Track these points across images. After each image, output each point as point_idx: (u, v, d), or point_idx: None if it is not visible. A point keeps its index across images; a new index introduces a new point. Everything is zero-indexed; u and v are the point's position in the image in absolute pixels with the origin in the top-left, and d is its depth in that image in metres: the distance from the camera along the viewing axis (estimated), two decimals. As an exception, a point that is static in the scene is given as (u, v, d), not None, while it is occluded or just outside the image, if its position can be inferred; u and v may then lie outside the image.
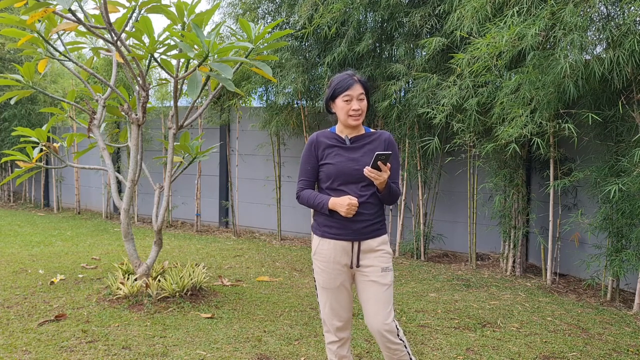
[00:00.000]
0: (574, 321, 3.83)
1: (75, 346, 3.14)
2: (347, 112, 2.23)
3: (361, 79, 2.27)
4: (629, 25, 3.50)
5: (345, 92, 2.22)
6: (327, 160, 2.28)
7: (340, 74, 2.30)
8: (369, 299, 2.24)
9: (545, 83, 3.94)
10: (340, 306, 2.28)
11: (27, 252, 5.88)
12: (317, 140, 2.32)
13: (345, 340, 2.33)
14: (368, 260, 2.26)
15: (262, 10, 6.49)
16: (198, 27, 3.29)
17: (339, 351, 2.32)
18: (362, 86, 2.25)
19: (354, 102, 2.22)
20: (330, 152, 2.28)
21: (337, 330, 2.29)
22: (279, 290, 4.55)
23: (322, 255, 2.28)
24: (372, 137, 2.31)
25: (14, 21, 3.47)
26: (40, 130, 4.37)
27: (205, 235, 7.53)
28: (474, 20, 4.22)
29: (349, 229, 2.23)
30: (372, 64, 5.69)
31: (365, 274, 2.26)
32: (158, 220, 4.18)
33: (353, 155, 2.26)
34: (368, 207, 2.24)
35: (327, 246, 2.27)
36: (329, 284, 2.27)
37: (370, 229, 2.25)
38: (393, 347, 2.22)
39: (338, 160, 2.25)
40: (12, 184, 11.04)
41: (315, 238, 2.33)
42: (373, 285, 2.24)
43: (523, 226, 5.23)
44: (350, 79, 2.24)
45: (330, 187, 2.27)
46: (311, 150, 2.33)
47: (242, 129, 7.66)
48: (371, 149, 2.27)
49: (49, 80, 9.17)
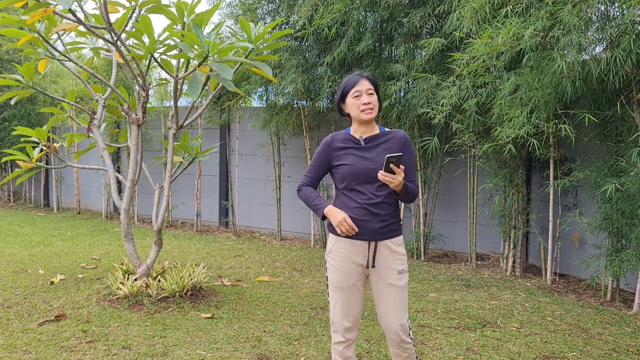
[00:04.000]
0: (574, 321, 3.83)
1: (75, 346, 3.14)
2: (358, 107, 2.25)
3: (368, 75, 2.28)
4: (627, 25, 3.51)
5: (354, 88, 2.25)
6: (342, 161, 2.28)
7: (346, 76, 2.33)
8: (385, 300, 2.26)
9: (543, 84, 3.95)
10: (351, 306, 2.28)
11: (27, 252, 5.88)
12: (331, 142, 2.33)
13: (352, 341, 2.33)
14: (384, 262, 2.26)
15: (261, 10, 6.50)
16: (198, 27, 3.29)
17: (345, 352, 2.33)
18: (369, 81, 2.26)
19: (363, 96, 2.24)
20: (345, 153, 2.28)
21: (345, 330, 2.30)
22: (279, 290, 4.55)
23: (337, 253, 2.28)
24: (387, 137, 2.31)
25: (14, 21, 3.48)
26: (41, 130, 4.37)
27: (205, 235, 7.53)
28: (473, 20, 4.23)
29: (365, 229, 2.23)
30: (372, 64, 5.69)
31: (381, 276, 2.26)
32: (158, 220, 4.18)
33: (368, 155, 2.26)
34: (384, 207, 2.24)
35: (343, 245, 2.27)
36: (342, 283, 2.27)
37: (387, 229, 2.25)
38: (405, 346, 2.28)
39: (353, 160, 2.25)
40: (12, 184, 11.04)
41: (331, 237, 2.33)
42: (389, 287, 2.26)
43: (523, 226, 5.23)
44: (357, 76, 2.27)
45: (346, 188, 2.28)
46: (324, 152, 2.33)
47: (242, 129, 7.66)
48: (386, 148, 2.27)
49: (49, 80, 9.17)
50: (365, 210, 2.22)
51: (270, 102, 6.74)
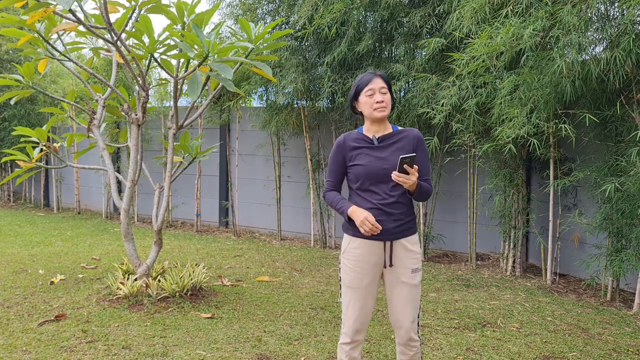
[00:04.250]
0: (574, 321, 3.83)
1: (75, 346, 3.15)
2: (371, 105, 2.25)
3: (381, 73, 2.29)
4: (627, 25, 3.51)
5: (367, 86, 2.25)
6: (356, 161, 2.28)
7: (360, 75, 2.34)
8: (397, 298, 2.28)
9: (543, 84, 3.95)
10: (363, 307, 2.28)
11: (27, 252, 5.89)
12: (344, 143, 2.32)
13: (359, 342, 2.34)
14: (399, 261, 2.26)
15: (261, 10, 6.49)
16: (198, 27, 3.29)
17: (351, 352, 2.33)
18: (383, 80, 2.27)
19: (376, 94, 2.24)
20: (359, 153, 2.28)
21: (355, 332, 2.30)
22: (279, 290, 4.55)
23: (352, 254, 2.28)
24: (400, 136, 2.30)
25: (14, 21, 3.48)
26: (40, 130, 4.37)
27: (205, 235, 7.53)
28: (473, 20, 4.23)
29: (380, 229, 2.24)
30: (372, 64, 5.69)
31: (396, 274, 2.27)
32: (158, 220, 4.18)
33: (381, 154, 2.26)
34: (398, 206, 2.24)
35: (359, 245, 2.27)
36: (355, 283, 2.27)
37: (402, 228, 2.25)
38: (412, 344, 2.31)
39: (367, 160, 2.25)
40: (12, 184, 11.04)
41: (346, 237, 2.34)
42: (403, 286, 2.26)
43: (523, 226, 5.23)
44: (371, 74, 2.28)
45: (360, 188, 2.28)
46: (338, 153, 2.33)
47: (242, 129, 7.66)
48: (399, 148, 2.27)
49: (49, 80, 9.18)
50: (380, 210, 2.22)
51: (270, 102, 6.74)
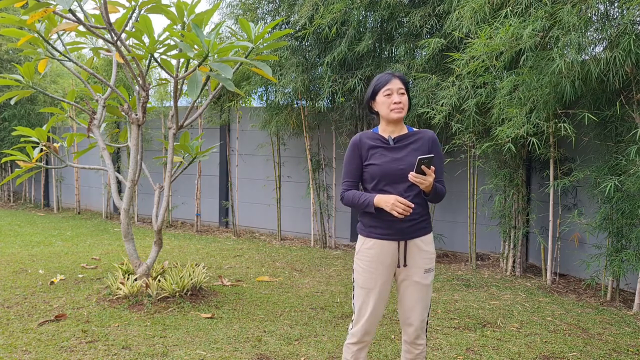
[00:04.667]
0: (574, 321, 3.83)
1: (75, 346, 3.15)
2: (388, 106, 2.25)
3: (400, 74, 2.29)
4: (627, 25, 3.51)
5: (385, 86, 2.25)
6: (371, 160, 2.28)
7: (378, 75, 2.34)
8: (409, 297, 2.28)
9: (542, 84, 3.95)
10: (374, 307, 2.28)
11: (27, 252, 5.89)
12: (360, 141, 2.32)
13: (367, 343, 2.34)
14: (413, 260, 2.27)
15: (261, 10, 6.49)
16: (198, 27, 3.29)
17: (358, 353, 2.33)
18: (401, 81, 2.27)
19: (394, 95, 2.24)
20: (375, 153, 2.28)
21: (364, 333, 2.29)
22: (279, 290, 4.55)
23: (366, 254, 2.28)
24: (416, 137, 2.31)
25: (14, 21, 3.48)
26: (41, 130, 4.37)
27: (205, 235, 7.53)
28: (473, 20, 4.23)
29: (394, 228, 2.23)
30: (372, 64, 5.69)
31: (408, 273, 2.28)
32: (158, 220, 4.18)
33: (397, 155, 2.26)
34: (413, 206, 2.24)
35: (373, 246, 2.27)
36: (369, 284, 2.27)
37: (416, 227, 2.26)
38: (418, 343, 2.31)
39: (382, 160, 2.25)
40: (12, 184, 11.04)
41: (360, 238, 2.34)
42: (415, 285, 2.27)
43: (523, 226, 5.23)
44: (389, 75, 2.28)
45: (374, 188, 2.28)
46: (355, 151, 2.33)
47: (242, 129, 7.66)
48: (415, 149, 2.27)
49: (49, 80, 9.17)
50: None
51: (270, 102, 6.74)
